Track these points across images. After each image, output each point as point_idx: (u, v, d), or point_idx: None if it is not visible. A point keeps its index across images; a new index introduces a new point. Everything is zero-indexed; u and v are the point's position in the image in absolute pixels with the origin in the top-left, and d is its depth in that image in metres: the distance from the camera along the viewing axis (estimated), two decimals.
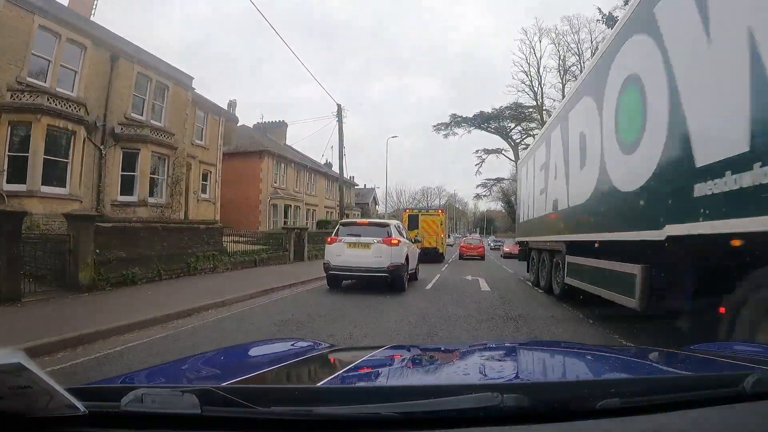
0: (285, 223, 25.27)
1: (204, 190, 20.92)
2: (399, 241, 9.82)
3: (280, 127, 33.50)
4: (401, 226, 11.91)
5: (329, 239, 10.13)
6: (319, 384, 1.21)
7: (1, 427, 0.84)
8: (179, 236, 11.40)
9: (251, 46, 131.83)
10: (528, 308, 7.93)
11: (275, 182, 26.73)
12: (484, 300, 8.90)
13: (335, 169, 41.29)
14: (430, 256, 20.28)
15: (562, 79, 32.10)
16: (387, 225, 10.24)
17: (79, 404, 0.85)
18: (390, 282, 9.58)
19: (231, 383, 1.13)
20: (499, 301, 8.81)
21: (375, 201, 53.39)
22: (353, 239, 9.71)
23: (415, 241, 12.90)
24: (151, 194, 15.96)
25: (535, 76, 35.85)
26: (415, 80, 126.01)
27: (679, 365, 1.59)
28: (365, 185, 54.12)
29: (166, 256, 10.51)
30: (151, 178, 16.03)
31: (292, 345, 1.91)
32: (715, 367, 1.42)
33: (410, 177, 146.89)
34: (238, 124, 27.55)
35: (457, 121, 53.05)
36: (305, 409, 0.90)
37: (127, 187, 15.48)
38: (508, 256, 26.44)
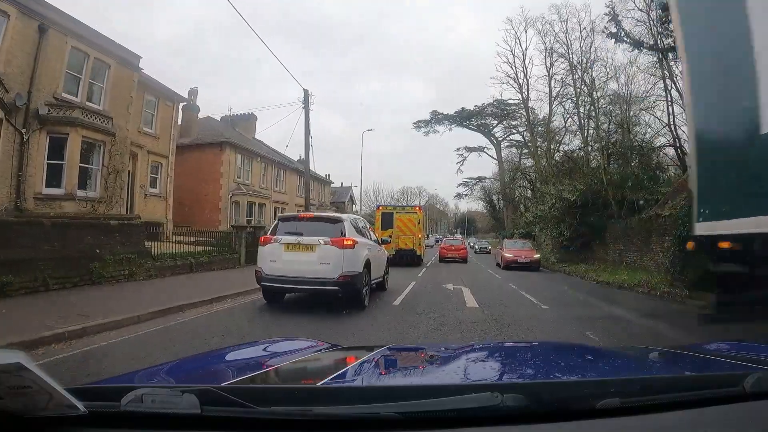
0: (248, 222, 23.59)
1: (154, 185, 19.32)
2: (355, 242, 7.86)
3: (249, 120, 32.05)
4: (363, 222, 10.04)
5: (262, 239, 8.20)
6: (319, 384, 1.23)
7: (1, 427, 0.87)
8: (78, 235, 9.87)
9: (235, 48, 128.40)
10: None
11: (238, 177, 25.21)
12: (474, 325, 7.00)
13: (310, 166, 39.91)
14: (407, 258, 19.20)
15: (548, 72, 31.09)
16: (339, 220, 8.20)
17: (79, 404, 0.88)
18: (343, 298, 7.71)
19: (231, 383, 1.17)
20: (494, 325, 6.98)
21: (352, 200, 52.01)
22: (293, 239, 7.74)
23: (383, 242, 11.23)
24: (84, 186, 14.19)
25: (521, 68, 34.77)
26: (399, 82, 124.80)
27: (679, 365, 1.64)
28: (342, 184, 52.60)
29: (59, 259, 8.97)
30: (83, 168, 14.40)
31: (292, 345, 1.95)
32: (715, 367, 1.47)
33: (391, 178, 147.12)
34: (203, 117, 25.89)
35: (437, 118, 52.49)
36: (305, 409, 0.93)
37: (55, 177, 13.75)
38: (511, 266, 19.06)
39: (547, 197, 22.42)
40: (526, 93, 35.94)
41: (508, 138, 47.43)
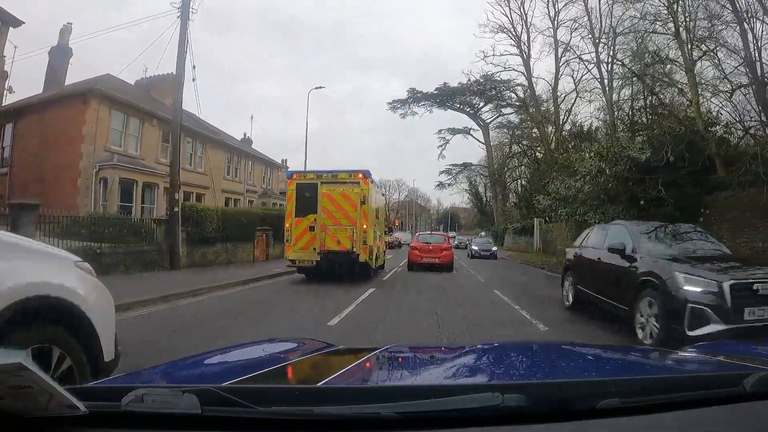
0: (127, 210, 17.11)
1: None
2: None
3: (169, 82, 25.17)
4: None
5: None
6: (319, 384, 1.24)
7: (1, 427, 0.87)
8: None
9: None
10: None
11: (117, 145, 18.27)
12: None
13: (256, 146, 33.65)
14: (339, 268, 11.54)
15: (553, 22, 25.40)
16: None
17: (79, 404, 0.88)
18: None
19: (231, 383, 1.17)
20: None
21: None
22: None
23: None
24: None
25: (518, 12, 28.79)
26: (378, 78, 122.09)
27: (679, 365, 1.65)
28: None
29: None
30: None
31: (293, 345, 1.97)
32: (715, 367, 1.49)
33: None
34: (103, 74, 19.65)
35: (416, 97, 46.70)
36: (305, 409, 0.94)
37: None
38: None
39: (587, 162, 14.66)
40: (526, 49, 29.84)
41: (498, 118, 41.74)
